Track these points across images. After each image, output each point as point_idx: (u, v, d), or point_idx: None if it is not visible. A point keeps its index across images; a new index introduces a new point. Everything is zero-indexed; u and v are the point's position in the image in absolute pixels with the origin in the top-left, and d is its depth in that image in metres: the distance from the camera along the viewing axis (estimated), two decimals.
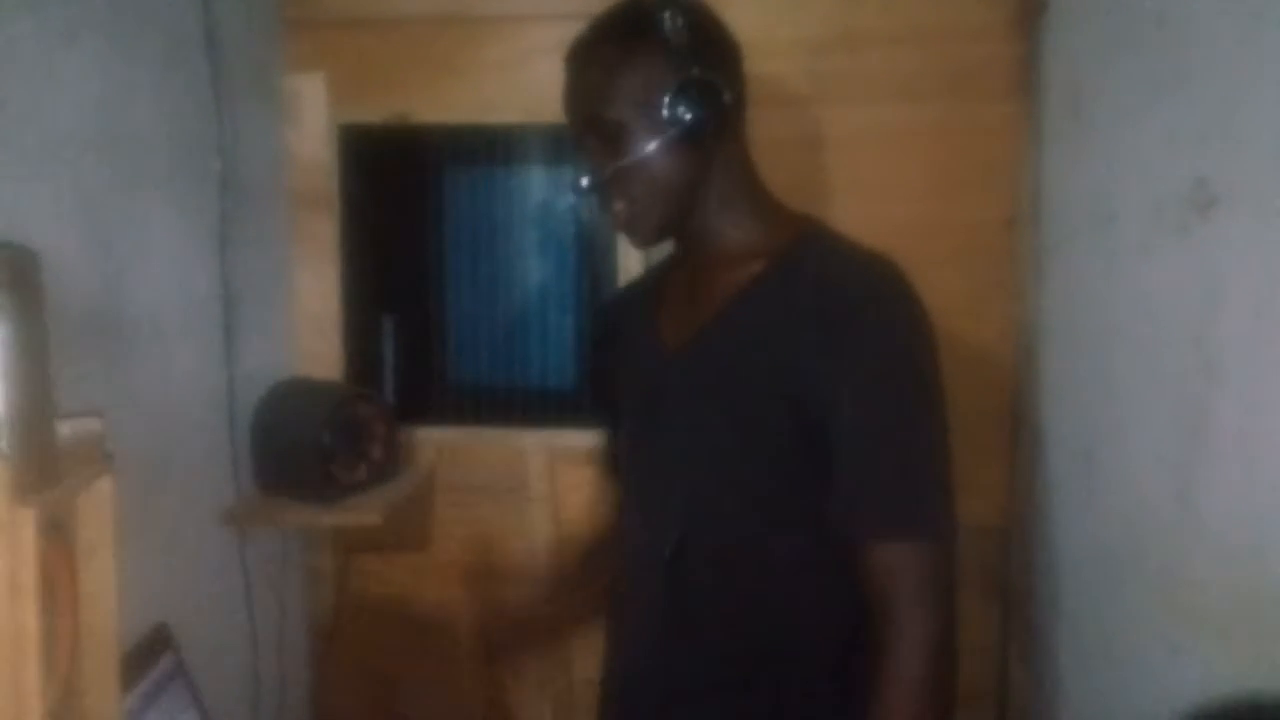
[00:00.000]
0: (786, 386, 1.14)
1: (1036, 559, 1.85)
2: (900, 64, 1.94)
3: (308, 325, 2.18)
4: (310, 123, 2.12)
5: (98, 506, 0.94)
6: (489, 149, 2.20)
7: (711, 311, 1.24)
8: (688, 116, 1.16)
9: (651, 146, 1.18)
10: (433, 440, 2.18)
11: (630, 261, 2.05)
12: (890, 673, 1.09)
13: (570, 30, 1.28)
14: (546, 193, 2.24)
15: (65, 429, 0.88)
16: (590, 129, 1.23)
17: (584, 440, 2.11)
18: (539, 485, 2.14)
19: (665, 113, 1.17)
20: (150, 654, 1.46)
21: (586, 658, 2.13)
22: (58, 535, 0.86)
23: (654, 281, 1.47)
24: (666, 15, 1.17)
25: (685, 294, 1.33)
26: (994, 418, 1.96)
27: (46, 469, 0.80)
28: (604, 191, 1.25)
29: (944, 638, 1.09)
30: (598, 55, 1.22)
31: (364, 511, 1.90)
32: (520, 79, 2.03)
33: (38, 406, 0.79)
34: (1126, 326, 1.51)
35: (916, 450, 1.13)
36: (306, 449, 1.86)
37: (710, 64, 1.19)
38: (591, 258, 2.19)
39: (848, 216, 1.89)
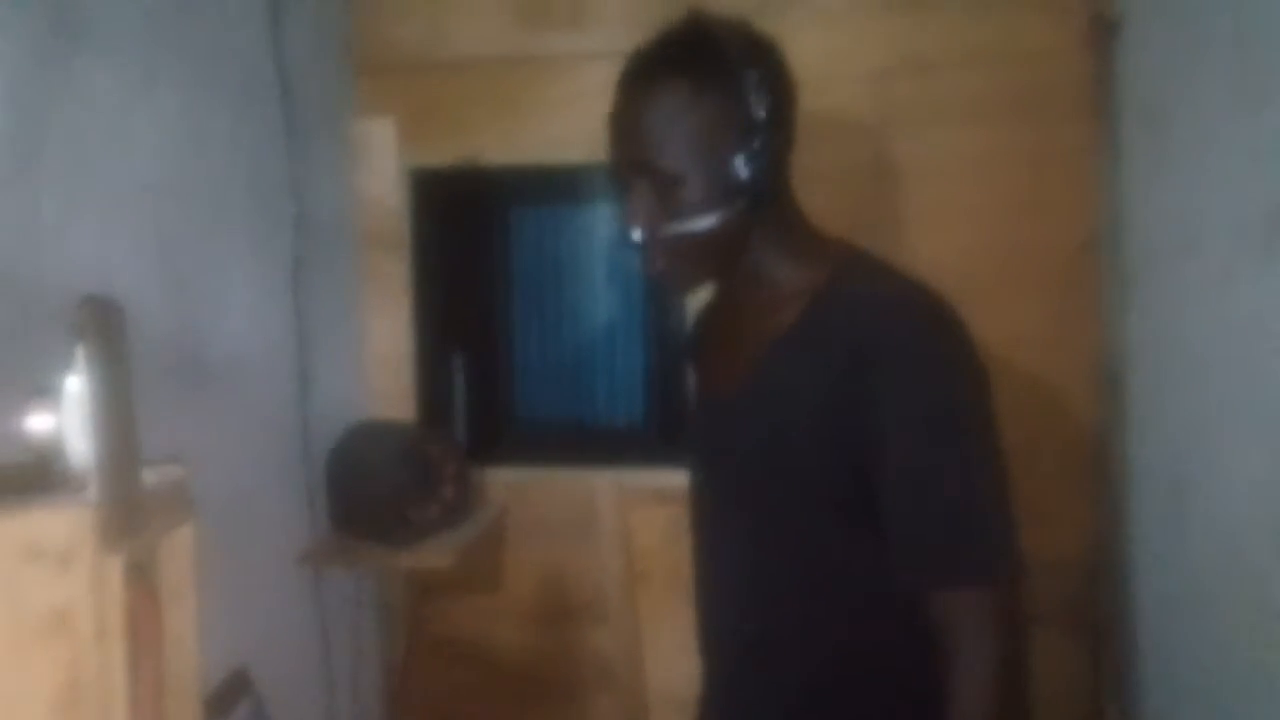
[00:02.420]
0: (832, 434, 1.09)
1: (1126, 594, 1.79)
2: (969, 87, 1.91)
3: (379, 365, 2.20)
4: (380, 166, 2.15)
5: (180, 552, 0.95)
6: (555, 188, 2.21)
7: (755, 358, 1.18)
8: (753, 179, 1.09)
9: (707, 206, 1.10)
10: (503, 480, 2.18)
11: (698, 298, 2.04)
12: (959, 710, 1.05)
13: None
14: (613, 230, 2.24)
15: (149, 476, 0.88)
16: (641, 174, 1.13)
17: (654, 479, 2.10)
18: (609, 524, 2.13)
19: (729, 172, 1.09)
20: (230, 698, 1.47)
21: (664, 702, 2.11)
22: (143, 580, 0.87)
23: (707, 319, 1.43)
24: (742, 56, 1.09)
25: (728, 338, 1.28)
26: (1076, 449, 1.90)
27: (132, 516, 0.81)
28: (647, 244, 1.16)
29: (1008, 668, 1.05)
30: (661, 91, 1.11)
31: (436, 554, 1.90)
32: (585, 117, 2.02)
33: (124, 455, 0.80)
34: (1215, 354, 1.46)
35: (966, 491, 1.06)
36: (380, 490, 1.87)
37: (780, 116, 1.12)
38: (659, 294, 2.18)
39: (919, 245, 1.88)
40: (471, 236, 2.27)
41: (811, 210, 1.22)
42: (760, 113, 1.09)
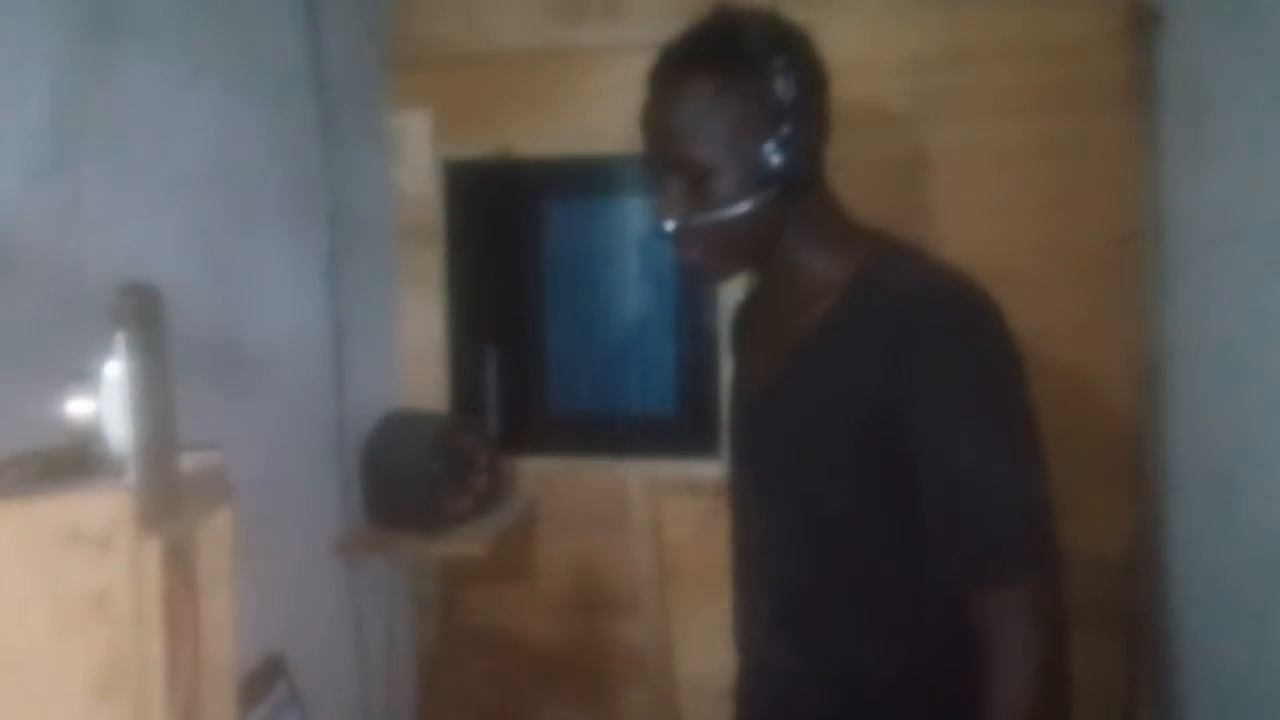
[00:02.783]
0: (869, 425, 1.09)
1: (1165, 592, 1.77)
2: (1007, 79, 1.89)
3: (414, 356, 2.22)
4: (415, 159, 2.17)
5: (217, 537, 0.96)
6: (588, 180, 2.21)
7: (790, 348, 1.19)
8: (784, 166, 1.10)
9: (740, 195, 1.11)
10: (534, 470, 2.20)
11: (730, 289, 2.04)
12: (1001, 705, 1.03)
13: None
14: (645, 222, 2.24)
15: (186, 462, 0.89)
16: (673, 168, 1.14)
17: (685, 470, 2.10)
18: (640, 515, 2.13)
19: (760, 161, 1.10)
20: (265, 682, 1.49)
21: (694, 693, 2.11)
22: (180, 565, 0.88)
23: (745, 310, 1.43)
24: (766, 45, 1.10)
25: (765, 328, 1.29)
26: (1114, 443, 1.88)
27: (170, 501, 0.81)
28: (680, 234, 1.17)
29: (1052, 667, 1.04)
30: (689, 87, 1.12)
31: (468, 542, 1.92)
32: (619, 109, 2.00)
33: (162, 440, 0.80)
34: (1256, 347, 1.43)
35: (1006, 485, 1.05)
36: (413, 479, 1.89)
37: (811, 107, 1.12)
38: (691, 286, 2.18)
39: (955, 236, 1.86)
40: (505, 228, 2.28)
41: (846, 201, 1.22)
42: (788, 100, 1.09)
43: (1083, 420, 1.84)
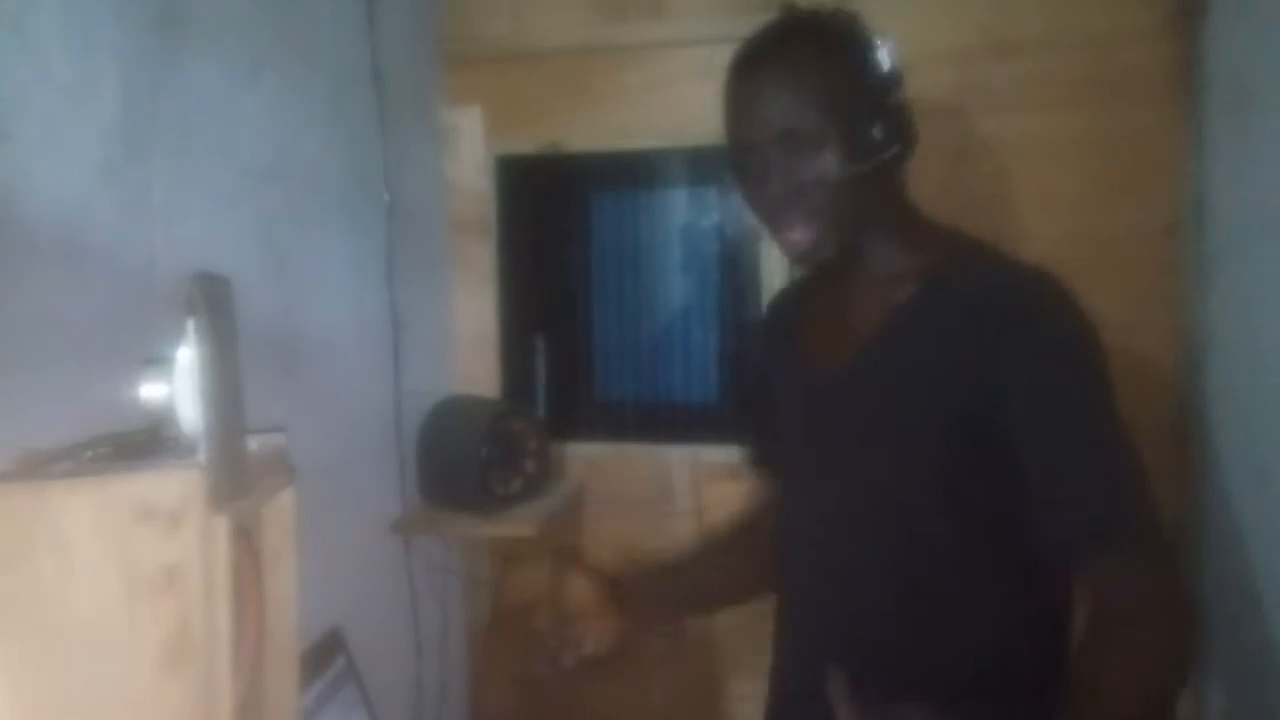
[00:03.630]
0: (950, 414, 1.10)
1: (1206, 586, 1.76)
2: (1052, 70, 1.89)
3: (467, 345, 2.27)
4: (468, 154, 2.22)
5: (281, 515, 1.00)
6: (634, 173, 2.24)
7: (864, 338, 1.19)
8: (886, 138, 1.13)
9: (848, 162, 1.12)
10: (582, 455, 2.24)
11: (773, 279, 2.06)
12: (1134, 681, 1.02)
13: (711, 54, 1.27)
14: (690, 214, 2.27)
15: (253, 443, 0.94)
16: (777, 143, 1.15)
17: (727, 455, 2.13)
18: (684, 500, 2.17)
19: (864, 131, 1.12)
20: (325, 656, 1.54)
21: (740, 676, 2.14)
22: (246, 542, 0.92)
23: (797, 300, 1.44)
24: (858, 26, 1.15)
25: (832, 317, 1.28)
26: (1156, 435, 1.86)
27: (237, 480, 0.84)
28: (781, 211, 1.17)
29: (1180, 626, 1.06)
30: (790, 60, 1.15)
31: (519, 523, 1.96)
32: (662, 104, 2.07)
33: (230, 422, 0.84)
34: None
35: (1117, 457, 1.08)
36: (466, 462, 1.94)
37: (901, 86, 1.17)
38: (734, 276, 2.21)
39: (1000, 228, 1.86)
40: (554, 221, 2.32)
41: None
42: (883, 73, 1.14)
43: (1126, 410, 1.82)
